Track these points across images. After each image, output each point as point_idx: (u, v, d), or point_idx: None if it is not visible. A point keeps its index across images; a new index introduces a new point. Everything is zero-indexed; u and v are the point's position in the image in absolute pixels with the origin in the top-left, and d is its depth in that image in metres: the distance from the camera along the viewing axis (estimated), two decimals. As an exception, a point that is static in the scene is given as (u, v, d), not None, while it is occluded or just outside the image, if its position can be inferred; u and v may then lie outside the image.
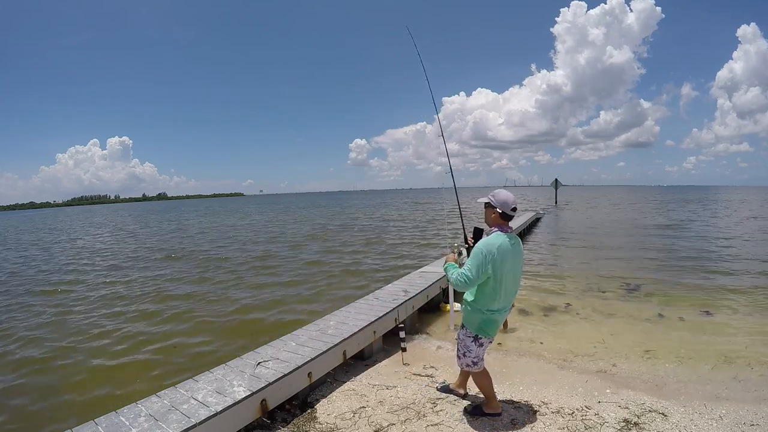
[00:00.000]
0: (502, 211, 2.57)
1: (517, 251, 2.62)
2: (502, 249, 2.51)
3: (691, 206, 32.25)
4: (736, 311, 5.75)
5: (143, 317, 6.55)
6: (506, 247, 2.53)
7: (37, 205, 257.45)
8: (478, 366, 2.75)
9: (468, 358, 2.74)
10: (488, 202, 2.62)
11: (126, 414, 2.43)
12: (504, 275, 2.54)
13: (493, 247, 2.50)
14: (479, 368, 2.76)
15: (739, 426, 2.69)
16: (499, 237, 2.55)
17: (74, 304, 7.60)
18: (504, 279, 2.55)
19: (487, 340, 2.71)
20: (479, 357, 2.72)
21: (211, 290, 8.20)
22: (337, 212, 36.20)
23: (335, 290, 7.86)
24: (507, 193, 2.62)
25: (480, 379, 2.83)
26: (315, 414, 2.94)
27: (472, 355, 2.72)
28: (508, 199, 2.58)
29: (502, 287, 2.57)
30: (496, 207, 2.58)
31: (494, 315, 2.64)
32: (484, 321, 2.65)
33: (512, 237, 2.62)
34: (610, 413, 2.85)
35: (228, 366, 3.11)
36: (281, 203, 77.28)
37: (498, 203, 2.58)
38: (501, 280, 2.55)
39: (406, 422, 2.77)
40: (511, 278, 2.60)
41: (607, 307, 5.96)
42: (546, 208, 29.06)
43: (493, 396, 2.86)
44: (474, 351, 2.71)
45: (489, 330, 2.67)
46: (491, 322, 2.65)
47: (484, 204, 2.67)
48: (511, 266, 2.57)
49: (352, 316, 4.24)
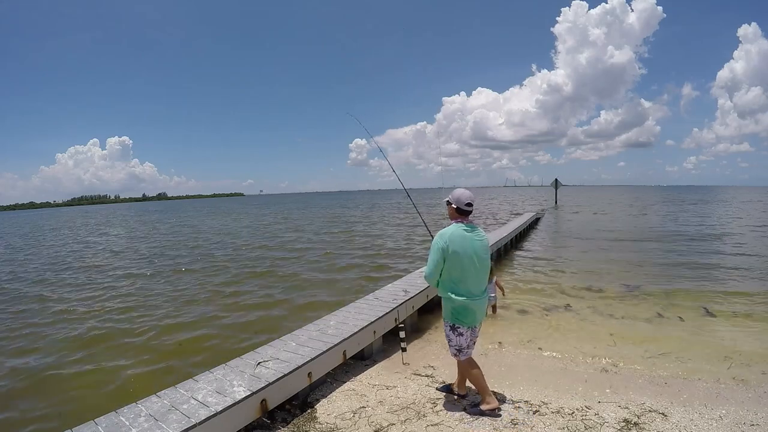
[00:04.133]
0: (456, 206, 2.81)
1: (474, 239, 2.76)
2: (454, 236, 2.71)
3: (692, 206, 32.24)
4: (736, 311, 5.75)
5: (145, 316, 6.55)
6: (459, 234, 2.72)
7: (37, 205, 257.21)
8: (463, 354, 2.86)
9: (452, 347, 2.89)
10: (448, 199, 2.87)
11: (126, 414, 2.43)
12: (462, 260, 2.70)
13: (444, 236, 2.72)
14: (464, 356, 2.87)
15: (739, 426, 2.69)
16: (452, 227, 2.77)
17: (76, 302, 7.61)
18: (463, 264, 2.70)
19: (466, 329, 2.80)
20: (461, 345, 2.83)
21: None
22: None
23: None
24: (462, 191, 2.83)
25: (467, 370, 2.92)
26: (315, 414, 2.94)
27: (453, 344, 2.86)
28: (462, 195, 2.80)
29: (464, 273, 2.71)
30: (452, 203, 2.82)
31: (464, 302, 2.73)
32: (455, 309, 2.78)
33: (469, 226, 2.80)
34: (610, 413, 2.85)
35: (228, 366, 3.11)
36: (283, 203, 77.15)
37: (453, 200, 2.82)
38: (460, 265, 2.70)
39: (406, 422, 2.76)
40: (471, 263, 2.73)
41: (607, 307, 5.97)
42: (546, 208, 29.08)
43: (486, 389, 2.89)
44: (454, 340, 2.84)
45: (463, 318, 2.78)
46: (463, 309, 2.76)
47: (446, 202, 2.90)
48: (468, 252, 2.71)
49: (352, 316, 4.24)
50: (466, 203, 2.80)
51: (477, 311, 2.79)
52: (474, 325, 2.82)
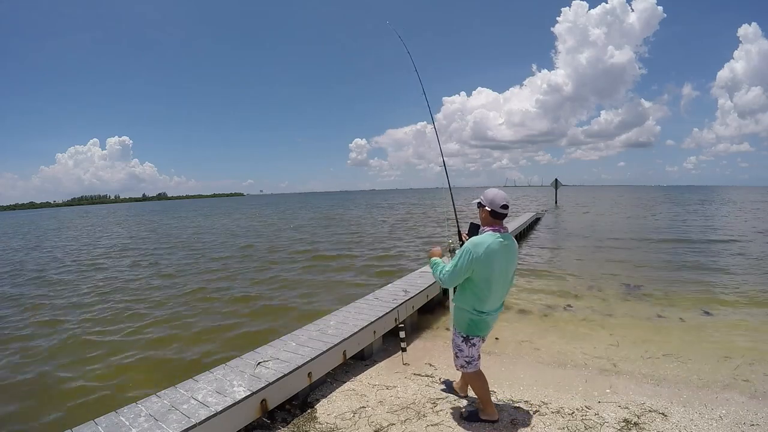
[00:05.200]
0: (491, 209, 2.52)
1: (509, 252, 2.56)
2: (490, 249, 2.45)
3: (698, 207, 32.23)
4: (736, 311, 5.75)
5: (147, 316, 6.56)
6: (495, 248, 2.47)
7: (37, 205, 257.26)
8: (472, 366, 2.70)
9: (461, 358, 2.71)
10: (479, 201, 2.59)
11: (126, 414, 2.43)
12: (493, 276, 2.49)
13: (480, 246, 2.46)
14: (473, 369, 2.71)
15: (739, 426, 2.69)
16: (489, 237, 2.50)
17: (78, 301, 7.61)
18: (493, 280, 2.50)
19: (479, 340, 2.67)
20: (472, 357, 2.68)
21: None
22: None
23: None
24: (496, 191, 2.57)
25: (474, 382, 2.79)
26: (315, 414, 2.94)
27: (464, 355, 2.68)
28: (497, 197, 2.52)
29: (491, 288, 2.52)
30: (486, 205, 2.54)
31: (484, 316, 2.59)
32: (473, 321, 2.61)
33: (506, 237, 2.55)
34: (610, 413, 2.85)
35: (228, 366, 3.11)
36: (285, 203, 77.23)
37: (487, 201, 2.54)
38: (489, 280, 2.49)
39: (406, 422, 2.76)
40: (501, 280, 2.55)
41: (606, 308, 5.97)
42: (546, 208, 29.07)
43: (489, 401, 2.78)
44: (466, 351, 2.67)
45: (479, 330, 2.63)
46: (481, 323, 2.61)
47: (477, 204, 2.63)
48: (502, 267, 2.52)
49: (352, 316, 4.24)
50: (502, 205, 2.51)
51: (491, 323, 2.68)
52: (486, 335, 2.71)
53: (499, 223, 2.56)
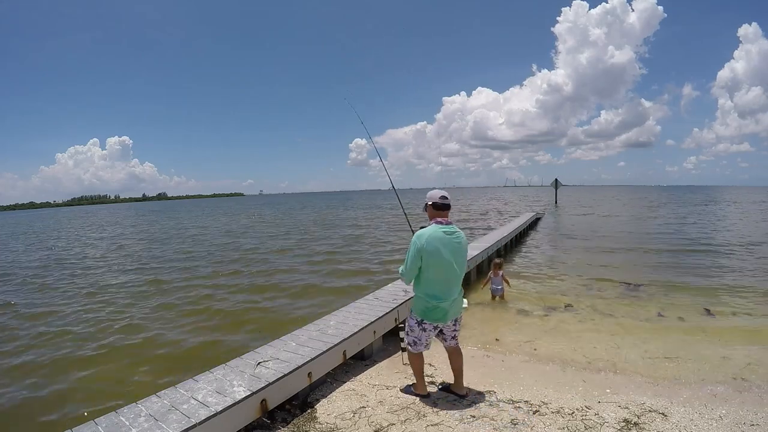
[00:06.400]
0: (432, 202, 2.84)
1: (454, 242, 2.78)
2: (432, 237, 2.72)
3: (698, 207, 32.23)
4: (736, 311, 5.75)
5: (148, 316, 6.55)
6: (437, 236, 2.73)
7: (37, 205, 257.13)
8: (416, 347, 2.98)
9: (410, 336, 2.99)
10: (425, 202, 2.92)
11: (126, 414, 2.43)
12: (439, 263, 2.73)
13: (423, 236, 2.73)
14: (417, 350, 2.99)
15: (739, 426, 2.69)
16: (431, 228, 2.78)
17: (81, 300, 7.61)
18: (440, 267, 2.74)
19: (430, 325, 2.90)
20: (419, 339, 2.95)
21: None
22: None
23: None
24: (436, 190, 2.91)
25: (413, 360, 3.08)
26: (315, 414, 2.94)
27: (414, 335, 2.96)
28: (436, 191, 2.87)
29: (440, 275, 2.76)
30: (427, 201, 2.88)
31: (438, 302, 2.80)
32: (427, 308, 2.84)
33: (450, 228, 2.80)
34: (610, 413, 2.85)
35: (228, 366, 3.11)
36: (287, 203, 77.18)
37: (428, 197, 2.88)
38: (437, 267, 2.73)
39: (406, 422, 2.76)
40: (448, 267, 2.76)
41: (607, 308, 5.97)
42: (546, 208, 29.06)
43: (421, 380, 3.12)
44: (416, 332, 2.95)
45: (433, 316, 2.85)
46: (435, 310, 2.82)
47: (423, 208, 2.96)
48: (447, 255, 2.74)
49: (352, 316, 4.24)
50: (441, 196, 2.84)
51: (449, 310, 2.86)
52: (444, 321, 2.90)
53: (442, 215, 2.85)
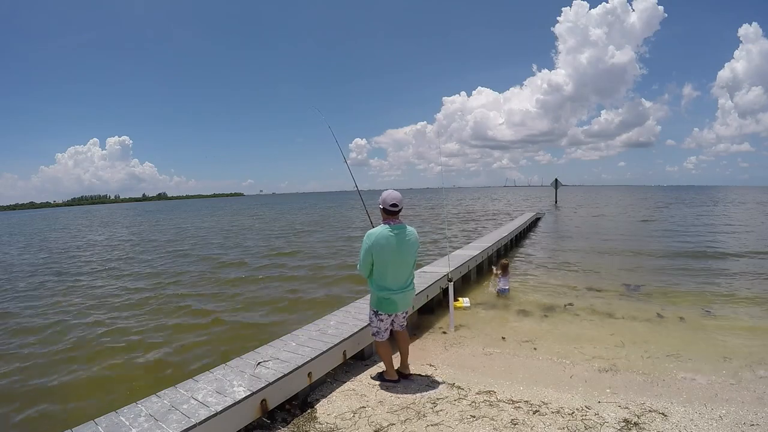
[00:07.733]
0: (383, 207, 3.11)
1: (401, 239, 3.07)
2: (379, 236, 3.03)
3: (692, 206, 32.22)
4: (736, 311, 5.75)
5: (149, 316, 6.55)
6: (384, 235, 3.04)
7: (37, 205, 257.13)
8: (379, 336, 3.29)
9: (372, 327, 3.32)
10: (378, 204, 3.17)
11: (126, 414, 2.43)
12: (386, 259, 3.04)
13: (371, 236, 3.05)
14: (381, 338, 3.29)
15: (739, 426, 2.69)
16: (379, 228, 3.09)
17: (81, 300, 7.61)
18: (388, 262, 3.05)
19: (386, 316, 3.23)
20: (379, 329, 3.26)
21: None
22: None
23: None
24: (389, 193, 3.11)
25: (380, 348, 3.36)
26: (315, 414, 2.94)
27: (374, 325, 3.29)
28: (388, 197, 3.09)
29: (388, 269, 3.08)
30: (380, 204, 3.14)
31: (389, 294, 3.12)
32: (379, 299, 3.17)
33: (397, 228, 3.09)
34: (610, 413, 2.84)
35: (228, 366, 3.11)
36: (288, 203, 77.15)
37: (380, 201, 3.14)
38: (385, 262, 3.05)
39: (406, 422, 2.76)
40: (395, 261, 3.08)
41: (607, 307, 5.96)
42: (546, 208, 29.05)
43: (390, 366, 3.36)
44: (375, 323, 3.27)
45: (386, 307, 3.18)
46: (386, 300, 3.15)
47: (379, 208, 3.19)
48: (393, 252, 3.04)
49: (352, 316, 4.24)
50: (391, 204, 3.08)
51: (399, 302, 3.19)
52: (396, 312, 3.24)
53: (391, 218, 3.13)
